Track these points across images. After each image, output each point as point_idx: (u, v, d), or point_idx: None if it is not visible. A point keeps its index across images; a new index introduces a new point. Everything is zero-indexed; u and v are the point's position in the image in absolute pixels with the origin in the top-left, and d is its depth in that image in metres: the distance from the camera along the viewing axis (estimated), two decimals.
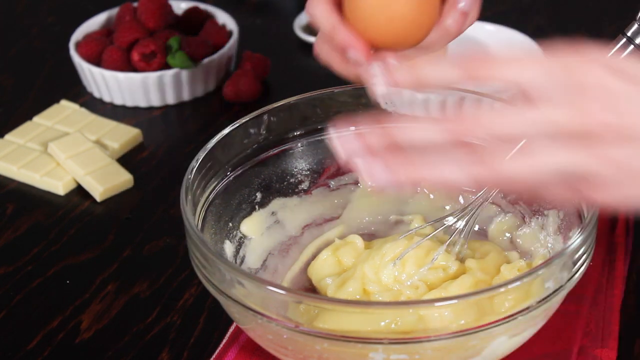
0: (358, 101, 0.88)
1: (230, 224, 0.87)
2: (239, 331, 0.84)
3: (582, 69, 0.61)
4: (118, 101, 1.21)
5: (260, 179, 0.89)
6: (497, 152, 0.62)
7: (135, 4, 1.25)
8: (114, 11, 1.27)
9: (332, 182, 0.93)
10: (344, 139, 0.65)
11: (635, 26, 0.74)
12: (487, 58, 0.63)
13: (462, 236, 0.82)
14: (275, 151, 0.90)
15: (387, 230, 0.92)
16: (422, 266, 0.81)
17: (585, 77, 0.61)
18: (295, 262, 0.90)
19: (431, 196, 0.93)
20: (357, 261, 0.85)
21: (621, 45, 0.73)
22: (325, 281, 0.85)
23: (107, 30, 1.25)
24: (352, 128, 0.70)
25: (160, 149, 1.14)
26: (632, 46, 0.73)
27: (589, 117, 0.60)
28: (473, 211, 0.82)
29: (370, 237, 0.90)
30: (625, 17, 0.74)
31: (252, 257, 0.88)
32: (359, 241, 0.87)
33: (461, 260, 0.83)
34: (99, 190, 1.04)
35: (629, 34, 0.74)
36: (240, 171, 0.88)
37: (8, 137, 1.13)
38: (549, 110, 0.61)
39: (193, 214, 0.79)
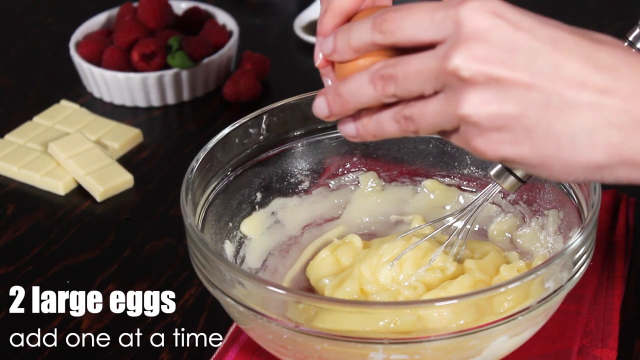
0: None
1: (230, 224, 0.87)
2: (239, 331, 0.84)
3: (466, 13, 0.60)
4: (118, 101, 1.21)
5: (260, 179, 0.89)
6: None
7: (135, 4, 1.25)
8: (114, 11, 1.27)
9: (332, 182, 0.93)
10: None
11: (637, 30, 0.74)
12: (393, 14, 0.63)
13: (460, 237, 0.82)
14: (275, 151, 0.90)
15: (388, 231, 0.91)
16: (420, 267, 0.81)
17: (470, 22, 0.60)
18: (296, 262, 0.90)
19: (431, 196, 0.93)
20: (354, 261, 0.85)
21: None
22: (323, 281, 0.85)
23: (107, 30, 1.25)
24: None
25: (160, 149, 1.14)
26: (633, 50, 0.72)
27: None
28: (473, 211, 0.82)
29: (370, 237, 0.90)
30: (626, 17, 0.74)
31: (252, 257, 0.88)
32: (357, 241, 0.87)
33: (459, 261, 0.82)
34: (99, 190, 1.04)
35: (630, 38, 0.74)
36: (240, 171, 0.88)
37: (8, 137, 1.13)
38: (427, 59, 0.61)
39: (193, 214, 0.79)
